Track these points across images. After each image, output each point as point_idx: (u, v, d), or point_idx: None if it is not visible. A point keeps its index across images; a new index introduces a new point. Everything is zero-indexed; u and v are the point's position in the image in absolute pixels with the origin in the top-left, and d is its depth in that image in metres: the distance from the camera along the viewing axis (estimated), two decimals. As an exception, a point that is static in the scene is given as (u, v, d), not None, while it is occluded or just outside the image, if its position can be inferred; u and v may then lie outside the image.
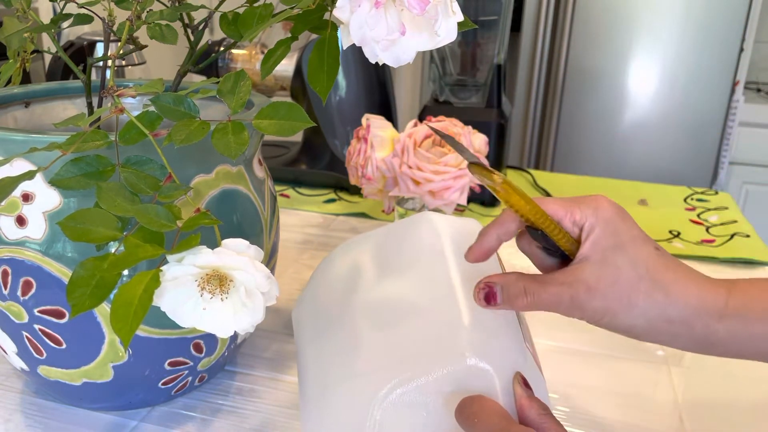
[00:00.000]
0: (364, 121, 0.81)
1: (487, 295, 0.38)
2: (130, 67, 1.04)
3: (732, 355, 0.39)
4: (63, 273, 0.41)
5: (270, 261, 0.54)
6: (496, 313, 0.39)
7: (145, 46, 0.49)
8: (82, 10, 0.47)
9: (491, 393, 0.36)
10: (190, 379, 0.50)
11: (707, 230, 0.92)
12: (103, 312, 0.42)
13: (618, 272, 0.37)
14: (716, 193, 1.09)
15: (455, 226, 0.46)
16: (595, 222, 0.38)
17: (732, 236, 0.89)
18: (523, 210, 0.39)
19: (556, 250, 0.40)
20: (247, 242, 0.34)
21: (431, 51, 0.98)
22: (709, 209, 1.01)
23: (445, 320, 0.39)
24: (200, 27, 0.48)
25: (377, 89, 1.06)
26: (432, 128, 0.44)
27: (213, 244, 0.34)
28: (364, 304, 0.43)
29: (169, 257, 0.33)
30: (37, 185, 0.41)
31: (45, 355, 0.45)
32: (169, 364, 0.47)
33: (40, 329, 0.43)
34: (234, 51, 1.06)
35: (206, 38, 1.51)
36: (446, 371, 0.36)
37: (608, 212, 0.38)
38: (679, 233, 0.90)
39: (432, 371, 0.36)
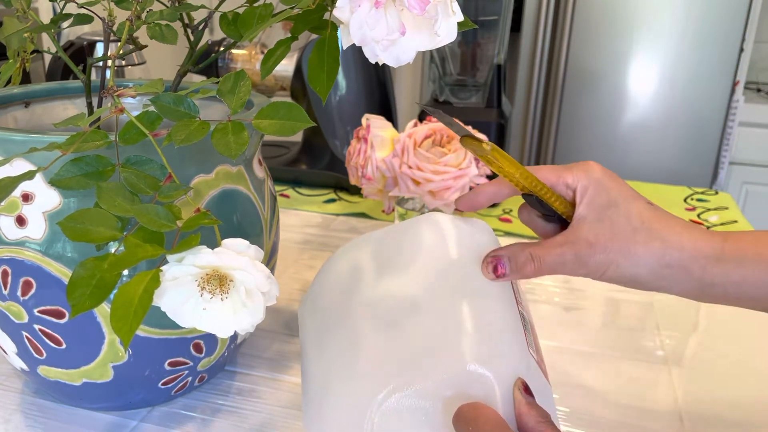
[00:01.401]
0: (364, 121, 0.81)
1: (495, 267, 0.40)
2: (130, 67, 1.04)
3: (730, 301, 0.40)
4: (63, 273, 0.41)
5: (270, 261, 0.54)
6: (499, 318, 0.39)
7: (145, 46, 0.49)
8: (82, 10, 0.47)
9: (491, 399, 0.36)
10: (190, 379, 0.50)
11: (707, 230, 0.92)
12: (103, 312, 0.42)
13: (615, 226, 0.39)
14: (716, 193, 1.09)
15: (461, 227, 0.45)
16: (587, 183, 0.41)
17: (732, 236, 0.89)
18: (515, 175, 0.41)
19: (553, 215, 0.42)
20: (247, 242, 0.34)
21: (431, 51, 0.98)
22: (709, 209, 1.01)
23: (447, 324, 0.39)
24: (200, 27, 0.48)
25: (377, 89, 1.06)
26: (424, 107, 0.45)
27: (213, 244, 0.34)
28: (366, 305, 0.43)
29: (169, 257, 0.33)
30: (37, 185, 0.41)
31: (45, 355, 0.45)
32: (169, 364, 0.47)
33: (40, 329, 0.43)
34: (234, 51, 1.06)
35: (206, 38, 1.51)
36: (446, 376, 0.36)
37: (599, 173, 0.41)
38: (679, 233, 0.90)
39: (431, 376, 0.36)
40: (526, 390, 0.36)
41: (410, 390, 0.36)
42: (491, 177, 0.87)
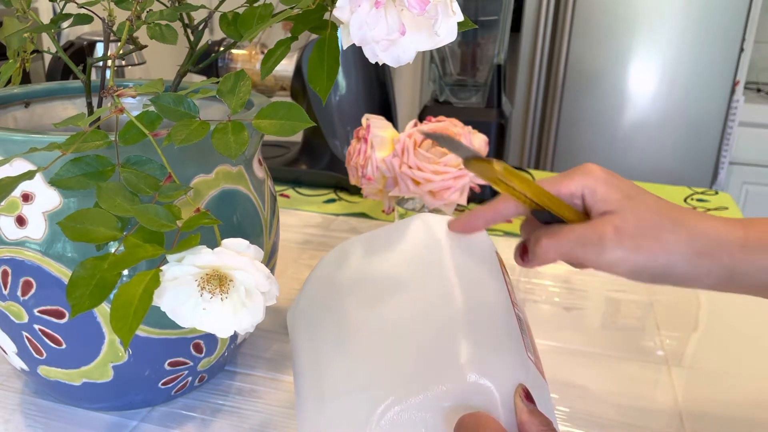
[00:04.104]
0: (364, 121, 0.81)
1: (522, 252, 0.41)
2: (130, 67, 1.04)
3: (758, 290, 0.39)
4: (63, 273, 0.41)
5: (270, 261, 0.54)
6: (497, 324, 0.38)
7: (145, 46, 0.49)
8: (82, 10, 0.47)
9: (492, 409, 0.35)
10: (190, 379, 0.50)
11: (707, 230, 0.92)
12: (103, 312, 0.42)
13: (639, 215, 0.37)
14: (716, 193, 1.09)
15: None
16: (593, 184, 0.39)
17: (732, 236, 0.89)
18: (528, 194, 0.38)
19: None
20: (247, 242, 0.34)
21: (431, 51, 0.98)
22: (709, 209, 1.01)
23: (444, 331, 0.38)
24: (200, 27, 0.48)
25: (377, 89, 1.06)
26: (425, 133, 0.43)
27: (213, 244, 0.34)
28: (359, 311, 0.42)
29: (169, 257, 0.33)
30: (37, 185, 0.41)
31: (45, 355, 0.45)
32: (169, 364, 0.47)
33: (40, 329, 0.43)
34: (234, 51, 1.06)
35: (206, 38, 1.51)
36: (446, 387, 0.35)
37: (602, 173, 0.39)
38: (679, 233, 0.90)
39: (431, 387, 0.35)
40: (527, 397, 0.36)
41: (410, 402, 0.35)
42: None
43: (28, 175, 0.34)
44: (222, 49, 0.49)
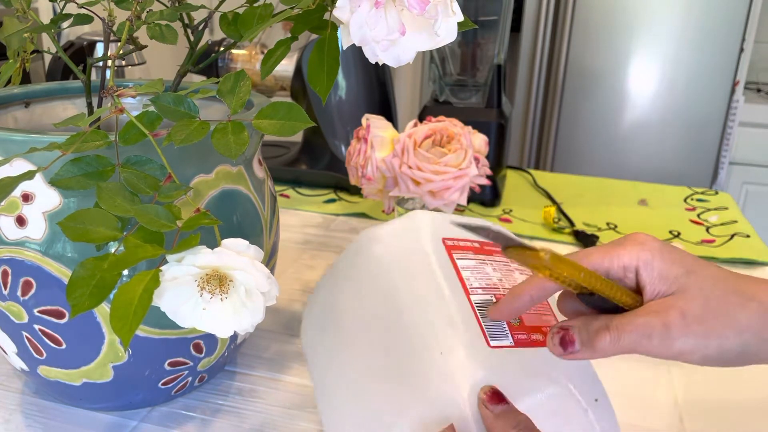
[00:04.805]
0: (364, 121, 0.81)
1: (563, 339, 0.34)
2: (130, 67, 1.04)
3: None
4: (63, 273, 0.41)
5: (270, 261, 0.54)
6: (444, 325, 0.38)
7: (145, 46, 0.49)
8: (82, 10, 0.47)
9: (462, 413, 0.35)
10: (190, 379, 0.50)
11: (707, 230, 0.92)
12: (103, 312, 0.42)
13: (704, 293, 0.34)
14: (716, 193, 1.09)
15: (395, 233, 0.46)
16: (649, 257, 0.35)
17: (732, 236, 0.89)
18: (578, 280, 0.34)
19: (616, 310, 0.36)
20: (247, 242, 0.34)
21: (431, 51, 0.98)
22: (709, 209, 1.01)
23: (401, 358, 0.39)
24: (200, 27, 0.48)
25: (377, 89, 1.06)
26: (458, 224, 0.38)
27: (213, 245, 0.34)
28: (348, 351, 0.44)
29: (169, 257, 0.33)
30: (37, 185, 0.41)
31: (45, 355, 0.45)
32: (169, 364, 0.47)
33: (40, 329, 0.43)
34: (234, 51, 1.06)
35: (206, 38, 1.51)
36: (416, 410, 0.36)
37: (655, 244, 0.36)
38: (679, 233, 0.90)
39: (404, 413, 0.36)
40: (492, 399, 0.34)
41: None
42: (491, 177, 0.87)
43: (28, 175, 0.34)
44: (222, 49, 0.49)
